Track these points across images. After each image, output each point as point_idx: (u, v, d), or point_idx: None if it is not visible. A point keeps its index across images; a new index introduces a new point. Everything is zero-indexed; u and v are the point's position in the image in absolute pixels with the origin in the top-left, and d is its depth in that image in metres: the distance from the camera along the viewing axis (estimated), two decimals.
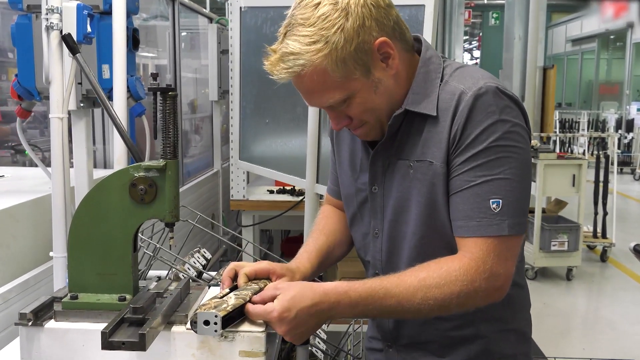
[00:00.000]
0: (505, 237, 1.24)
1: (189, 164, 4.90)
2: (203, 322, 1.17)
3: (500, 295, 1.26)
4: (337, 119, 1.33)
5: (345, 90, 1.25)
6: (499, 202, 1.23)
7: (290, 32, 1.22)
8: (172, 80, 4.35)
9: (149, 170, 1.27)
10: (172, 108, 1.28)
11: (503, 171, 1.23)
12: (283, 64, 1.21)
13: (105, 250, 1.29)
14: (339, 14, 1.18)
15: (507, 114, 1.24)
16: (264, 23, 3.08)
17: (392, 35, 1.25)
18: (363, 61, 1.23)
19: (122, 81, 2.09)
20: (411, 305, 1.23)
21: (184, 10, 4.63)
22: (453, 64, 1.34)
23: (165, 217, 1.30)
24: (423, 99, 1.30)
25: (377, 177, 1.39)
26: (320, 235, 1.55)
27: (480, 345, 1.40)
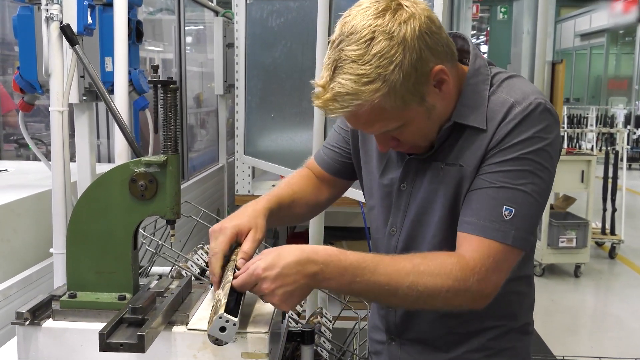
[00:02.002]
0: (508, 247, 1.21)
1: (194, 158, 4.87)
2: (220, 329, 1.09)
3: (484, 303, 1.23)
4: (384, 142, 1.29)
5: (401, 120, 1.21)
6: (512, 210, 1.21)
7: (342, 69, 1.14)
8: (177, 74, 4.32)
9: (150, 166, 1.24)
10: (173, 101, 1.24)
11: (525, 184, 1.21)
12: (338, 103, 1.16)
13: (104, 247, 1.26)
14: (395, 50, 1.12)
15: (548, 132, 1.22)
16: (270, 16, 3.03)
17: (445, 59, 1.21)
18: (419, 91, 1.18)
19: (123, 74, 2.05)
20: (399, 287, 1.18)
21: (190, 4, 4.60)
22: (501, 73, 1.31)
23: (166, 213, 1.26)
24: (472, 111, 1.27)
25: (409, 176, 1.37)
26: (286, 186, 1.54)
27: (482, 339, 1.39)
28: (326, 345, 1.89)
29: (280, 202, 1.44)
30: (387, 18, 1.13)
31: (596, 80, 18.69)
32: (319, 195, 1.58)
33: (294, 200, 1.50)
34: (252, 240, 1.29)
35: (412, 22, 1.14)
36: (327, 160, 1.58)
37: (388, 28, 1.12)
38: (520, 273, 1.38)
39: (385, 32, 1.12)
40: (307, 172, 1.60)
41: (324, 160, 1.58)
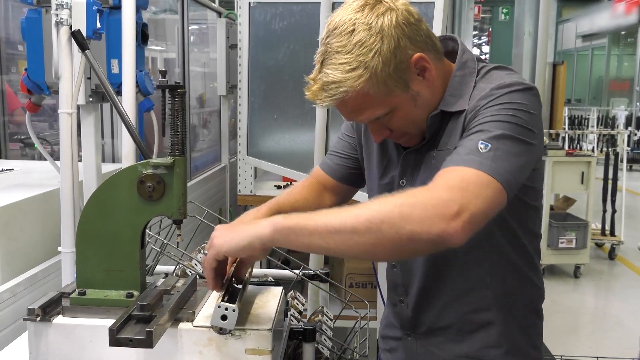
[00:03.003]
0: (483, 175, 1.14)
1: (196, 158, 4.91)
2: (221, 318, 1.17)
3: (458, 226, 1.06)
4: (378, 132, 1.37)
5: (387, 106, 1.29)
6: (488, 145, 1.18)
7: (327, 61, 1.25)
8: (180, 74, 4.36)
9: (157, 168, 1.27)
10: (180, 105, 1.28)
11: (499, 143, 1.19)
12: (325, 92, 1.25)
13: (113, 246, 1.30)
14: (374, 38, 1.21)
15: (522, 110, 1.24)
16: (273, 19, 3.07)
17: (425, 48, 1.29)
18: (402, 78, 1.27)
19: (131, 77, 2.10)
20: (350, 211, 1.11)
21: (193, 4, 4.63)
22: (488, 66, 1.37)
23: (173, 214, 1.30)
24: (458, 100, 1.33)
25: (407, 171, 1.43)
26: (288, 195, 1.58)
27: (495, 332, 1.42)
28: (327, 343, 1.92)
29: (280, 210, 1.47)
30: (366, 11, 1.23)
31: (597, 82, 18.71)
32: (321, 203, 1.61)
33: (295, 208, 1.53)
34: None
35: (389, 14, 1.23)
36: (332, 166, 1.63)
37: (367, 20, 1.22)
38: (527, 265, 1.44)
39: (365, 24, 1.22)
40: (311, 181, 1.65)
41: (329, 166, 1.63)
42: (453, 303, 1.43)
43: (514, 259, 1.42)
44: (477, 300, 1.42)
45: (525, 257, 1.45)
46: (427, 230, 1.06)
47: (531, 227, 1.45)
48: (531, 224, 1.45)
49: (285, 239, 1.13)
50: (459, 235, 1.07)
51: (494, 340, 1.43)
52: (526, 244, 1.44)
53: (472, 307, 1.42)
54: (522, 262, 1.44)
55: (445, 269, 1.42)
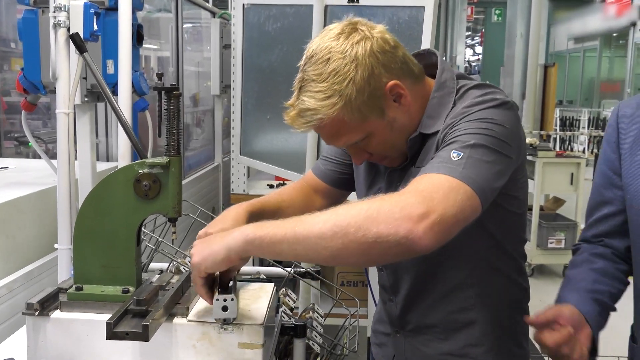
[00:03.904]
0: (454, 180, 1.14)
1: (190, 157, 4.94)
2: (222, 309, 1.23)
3: (426, 228, 1.05)
4: (357, 154, 1.41)
5: (363, 131, 1.32)
6: (461, 154, 1.19)
7: (304, 88, 1.29)
8: (174, 73, 4.39)
9: (153, 167, 1.31)
10: (176, 107, 1.32)
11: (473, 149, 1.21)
12: (302, 119, 1.30)
13: (109, 243, 1.33)
14: (348, 67, 1.25)
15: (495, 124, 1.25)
16: (267, 20, 3.11)
17: (401, 75, 1.32)
18: (377, 105, 1.30)
19: (127, 78, 2.13)
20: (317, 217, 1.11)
21: (187, 4, 4.66)
22: (468, 84, 1.39)
23: (168, 212, 1.34)
24: (435, 121, 1.36)
25: (393, 185, 1.46)
26: (275, 195, 1.62)
27: (479, 331, 1.47)
28: (317, 339, 1.97)
29: (264, 207, 1.51)
30: (342, 40, 1.27)
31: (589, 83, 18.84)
32: (310, 205, 1.64)
33: (280, 207, 1.57)
34: None
35: (364, 42, 1.26)
36: (323, 170, 1.66)
37: (342, 48, 1.26)
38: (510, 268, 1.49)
39: (340, 52, 1.25)
40: (301, 184, 1.69)
41: (321, 170, 1.67)
42: (438, 303, 1.47)
43: (497, 263, 1.46)
44: (461, 301, 1.46)
45: (509, 261, 1.49)
46: (394, 232, 1.05)
47: (516, 234, 1.49)
48: (516, 230, 1.48)
49: (256, 249, 1.15)
50: (427, 237, 1.05)
51: (477, 339, 1.47)
52: (510, 250, 1.48)
53: (456, 307, 1.46)
54: (505, 266, 1.48)
55: (431, 272, 1.46)
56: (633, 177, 1.37)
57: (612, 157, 1.44)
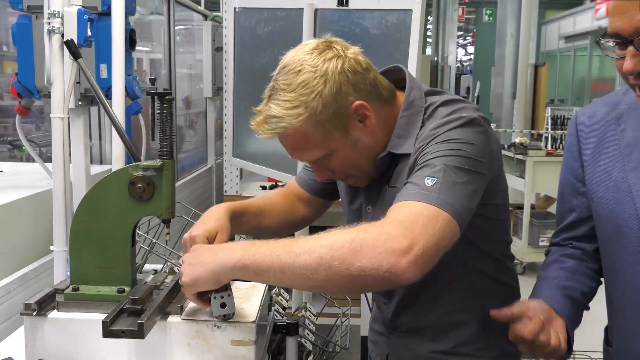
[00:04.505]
0: (431, 207, 1.16)
1: (183, 159, 4.97)
2: (220, 306, 1.27)
3: (408, 262, 1.07)
4: (319, 171, 1.44)
5: (325, 148, 1.35)
6: (435, 179, 1.21)
7: (273, 96, 1.32)
8: (167, 76, 4.42)
9: (147, 170, 1.35)
10: (169, 111, 1.36)
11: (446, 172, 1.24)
12: (267, 125, 1.33)
13: (105, 244, 1.37)
14: (317, 80, 1.29)
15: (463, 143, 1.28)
16: (258, 24, 3.14)
17: (369, 97, 1.35)
18: (341, 123, 1.33)
19: (121, 82, 2.16)
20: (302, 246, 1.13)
21: (179, 6, 4.69)
22: (436, 101, 1.41)
23: (162, 213, 1.37)
24: (405, 141, 1.39)
25: (371, 200, 1.49)
26: (258, 198, 1.65)
27: (469, 330, 1.51)
28: (310, 337, 2.01)
29: (246, 209, 1.55)
30: (315, 55, 1.31)
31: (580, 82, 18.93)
32: (293, 211, 1.68)
33: (262, 210, 1.60)
34: (219, 243, 1.38)
35: (336, 60, 1.30)
36: (305, 179, 1.70)
37: (314, 62, 1.29)
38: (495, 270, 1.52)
39: (311, 66, 1.29)
40: (285, 190, 1.73)
41: (303, 179, 1.71)
42: (427, 307, 1.52)
43: (481, 267, 1.49)
44: (449, 304, 1.49)
45: (493, 264, 1.52)
46: (377, 267, 1.07)
47: (498, 239, 1.52)
48: (498, 235, 1.52)
49: (245, 275, 1.19)
50: (410, 269, 1.08)
51: (467, 338, 1.51)
52: (494, 254, 1.52)
53: (445, 310, 1.51)
54: (489, 268, 1.51)
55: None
56: (597, 185, 1.38)
57: (574, 165, 1.45)
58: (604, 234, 1.41)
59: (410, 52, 2.43)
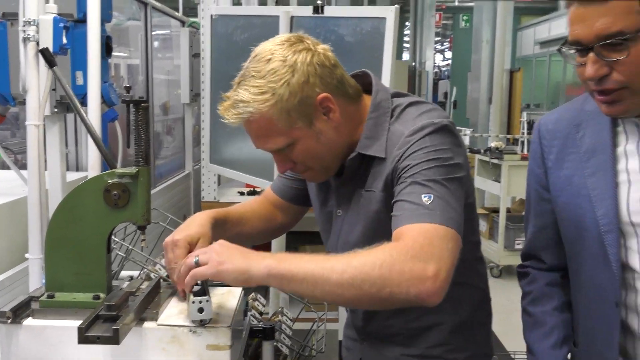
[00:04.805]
0: (439, 227, 1.24)
1: (161, 165, 4.95)
2: (198, 311, 1.28)
3: (435, 287, 1.18)
4: (281, 162, 1.46)
5: (289, 137, 1.38)
6: (431, 196, 1.28)
7: (243, 82, 1.36)
8: (144, 82, 4.41)
9: (123, 177, 1.36)
10: (144, 119, 1.37)
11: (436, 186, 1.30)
12: (234, 110, 1.35)
13: (80, 251, 1.37)
14: (286, 70, 1.33)
15: (439, 150, 1.34)
16: (235, 31, 3.16)
17: (335, 92, 1.39)
18: (306, 113, 1.36)
19: (96, 89, 2.17)
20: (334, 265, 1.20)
21: (157, 13, 4.68)
22: (402, 103, 1.46)
23: (137, 220, 1.38)
24: (374, 142, 1.43)
25: (342, 203, 1.52)
26: (238, 206, 1.69)
27: (440, 334, 1.54)
28: (286, 341, 2.02)
29: (228, 216, 1.58)
30: (286, 46, 1.36)
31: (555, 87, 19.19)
32: (271, 219, 1.71)
33: (242, 218, 1.63)
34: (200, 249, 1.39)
35: (305, 53, 1.35)
36: (280, 187, 1.73)
37: (284, 53, 1.34)
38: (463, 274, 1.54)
39: (281, 56, 1.34)
40: (262, 199, 1.75)
41: (278, 187, 1.73)
42: (396, 313, 1.54)
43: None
44: (418, 309, 1.47)
45: (462, 267, 1.51)
46: (405, 292, 1.17)
47: (468, 239, 1.51)
48: (468, 236, 1.50)
49: (277, 283, 1.23)
50: (437, 294, 1.18)
51: (438, 341, 1.54)
52: (463, 257, 1.52)
53: (413, 316, 1.53)
54: (459, 272, 1.51)
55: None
56: (560, 191, 1.42)
57: (538, 172, 1.49)
58: (568, 238, 1.45)
59: (384, 59, 2.47)
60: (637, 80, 1.21)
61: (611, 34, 1.17)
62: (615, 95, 1.24)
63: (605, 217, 1.32)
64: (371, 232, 1.44)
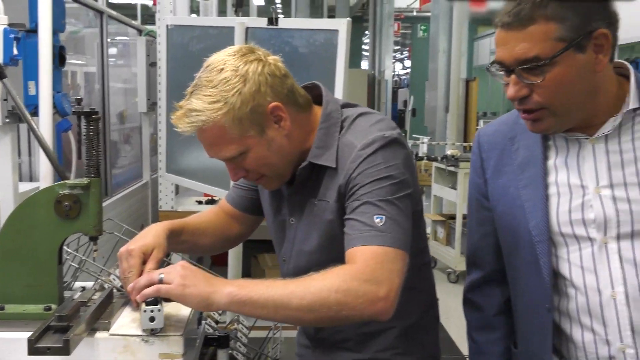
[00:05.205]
0: (389, 249, 1.32)
1: (118, 174, 4.91)
2: (149, 320, 1.29)
3: (386, 306, 1.28)
4: (234, 171, 1.49)
5: (241, 145, 1.41)
6: (383, 217, 1.34)
7: (195, 92, 1.38)
8: (100, 90, 4.38)
9: (74, 188, 1.37)
10: (95, 130, 1.38)
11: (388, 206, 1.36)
12: (187, 118, 1.37)
13: (31, 263, 1.37)
14: (238, 79, 1.36)
15: (391, 160, 1.39)
16: (191, 41, 3.17)
17: (286, 101, 1.42)
18: (258, 121, 1.40)
19: (48, 100, 2.16)
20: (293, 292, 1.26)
21: (114, 21, 4.66)
22: (352, 114, 1.50)
23: (89, 231, 1.39)
24: (324, 152, 1.47)
25: (295, 212, 1.55)
26: (194, 217, 1.71)
27: (388, 338, 1.58)
28: (242, 349, 2.04)
29: (184, 227, 1.59)
30: (237, 57, 1.39)
31: None
32: (227, 230, 1.73)
33: (198, 229, 1.65)
34: (154, 259, 1.42)
35: (256, 63, 1.39)
36: (235, 198, 1.74)
37: (235, 63, 1.37)
38: (410, 279, 1.59)
39: (233, 66, 1.37)
40: (217, 210, 1.77)
41: (233, 198, 1.75)
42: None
43: None
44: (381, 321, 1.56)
45: (411, 273, 1.55)
46: (360, 314, 1.28)
47: (417, 246, 1.55)
48: (417, 242, 1.55)
49: (239, 309, 1.28)
50: (388, 312, 1.29)
51: (386, 345, 1.58)
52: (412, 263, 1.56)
53: (364, 321, 1.53)
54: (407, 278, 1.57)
55: None
56: (497, 201, 1.48)
57: (478, 182, 1.54)
58: (506, 246, 1.51)
59: (337, 70, 2.52)
60: (555, 102, 1.28)
61: (528, 59, 1.24)
62: (535, 115, 1.31)
63: (537, 228, 1.38)
64: (327, 242, 1.48)
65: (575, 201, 1.36)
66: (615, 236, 1.33)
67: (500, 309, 1.60)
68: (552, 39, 1.22)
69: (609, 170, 1.33)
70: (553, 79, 1.25)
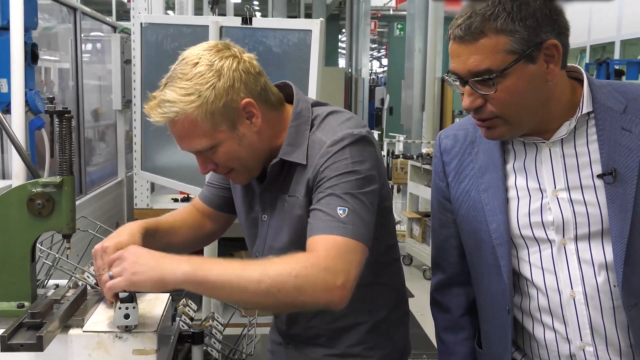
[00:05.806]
0: (349, 240, 1.34)
1: (92, 172, 4.87)
2: (124, 317, 1.30)
3: (341, 295, 1.30)
4: (203, 164, 1.51)
5: (212, 139, 1.43)
6: (346, 209, 1.37)
7: (170, 84, 1.40)
8: (74, 87, 4.34)
9: (47, 186, 1.38)
10: (68, 129, 1.39)
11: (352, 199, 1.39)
12: (160, 109, 1.39)
13: (4, 260, 1.38)
14: (212, 74, 1.38)
15: (358, 156, 1.43)
16: (165, 39, 3.17)
17: (258, 98, 1.45)
18: (230, 117, 1.42)
19: (20, 97, 2.15)
20: (251, 275, 1.27)
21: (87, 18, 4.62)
22: (322, 112, 1.53)
23: (62, 229, 1.40)
24: (295, 149, 1.50)
25: (267, 208, 1.58)
26: (168, 216, 1.72)
27: (359, 334, 1.62)
28: (217, 345, 2.06)
29: (158, 226, 1.61)
30: (213, 52, 1.42)
31: None
32: (201, 228, 1.75)
33: (172, 227, 1.67)
34: None
35: (231, 59, 1.41)
36: (208, 196, 1.77)
37: (211, 58, 1.40)
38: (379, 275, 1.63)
39: (208, 60, 1.40)
40: (191, 208, 1.79)
41: (206, 196, 1.77)
42: (315, 317, 1.61)
43: (369, 274, 1.53)
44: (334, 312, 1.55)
45: (382, 269, 1.63)
46: (315, 302, 1.30)
47: (386, 243, 1.63)
48: (386, 239, 1.62)
49: (195, 289, 1.29)
50: (343, 301, 1.31)
51: (357, 340, 1.62)
52: (383, 260, 1.62)
53: (334, 317, 1.60)
54: (379, 274, 1.62)
55: None
56: (459, 204, 1.51)
57: (441, 184, 1.56)
58: (468, 249, 1.54)
59: (310, 70, 2.54)
60: (508, 112, 1.31)
61: (480, 71, 1.27)
62: (489, 123, 1.34)
63: (497, 231, 1.42)
64: (297, 237, 1.50)
65: (534, 204, 1.39)
66: (573, 238, 1.36)
67: (466, 309, 1.63)
68: (503, 51, 1.25)
69: (566, 173, 1.36)
70: (505, 90, 1.28)
